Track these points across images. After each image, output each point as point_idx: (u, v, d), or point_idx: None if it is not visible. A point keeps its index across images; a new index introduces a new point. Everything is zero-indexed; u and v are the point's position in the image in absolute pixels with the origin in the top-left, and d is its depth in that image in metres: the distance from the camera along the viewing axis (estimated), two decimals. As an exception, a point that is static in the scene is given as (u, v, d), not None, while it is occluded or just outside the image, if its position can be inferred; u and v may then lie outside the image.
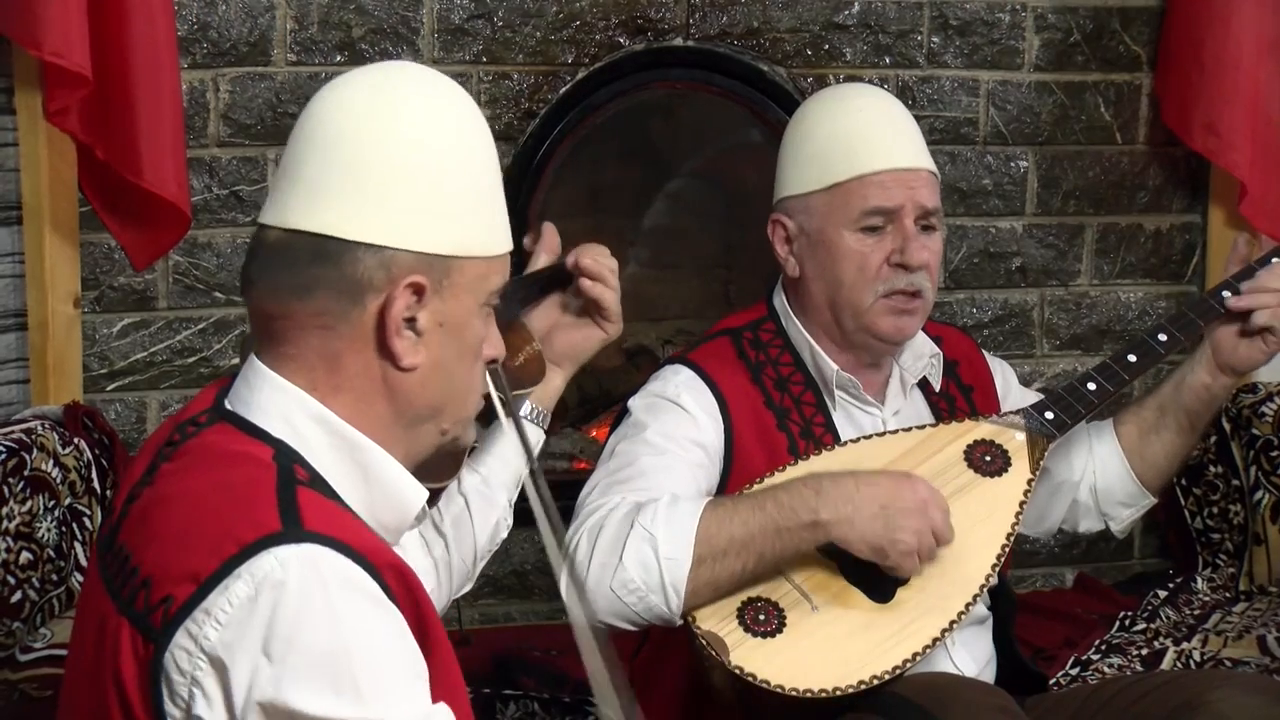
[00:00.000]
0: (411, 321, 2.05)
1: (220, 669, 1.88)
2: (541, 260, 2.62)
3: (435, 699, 1.96)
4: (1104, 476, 3.27)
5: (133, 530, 2.03)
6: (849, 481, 2.81)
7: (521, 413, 2.46)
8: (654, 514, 2.79)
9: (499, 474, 2.59)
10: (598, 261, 2.59)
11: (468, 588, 2.64)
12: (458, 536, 2.57)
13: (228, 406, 2.09)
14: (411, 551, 2.50)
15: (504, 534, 2.63)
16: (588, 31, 4.58)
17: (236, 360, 4.29)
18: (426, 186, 2.05)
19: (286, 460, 2.02)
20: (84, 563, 3.83)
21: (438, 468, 2.28)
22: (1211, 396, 3.21)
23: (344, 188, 2.04)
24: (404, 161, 2.05)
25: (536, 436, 2.59)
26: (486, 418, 2.31)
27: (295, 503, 1.95)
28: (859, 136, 3.05)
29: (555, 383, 2.64)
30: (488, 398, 2.25)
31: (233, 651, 1.88)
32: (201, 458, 2.05)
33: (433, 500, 2.45)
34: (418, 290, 2.04)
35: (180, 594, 1.91)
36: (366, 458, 2.08)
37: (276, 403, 2.06)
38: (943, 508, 2.81)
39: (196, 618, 1.89)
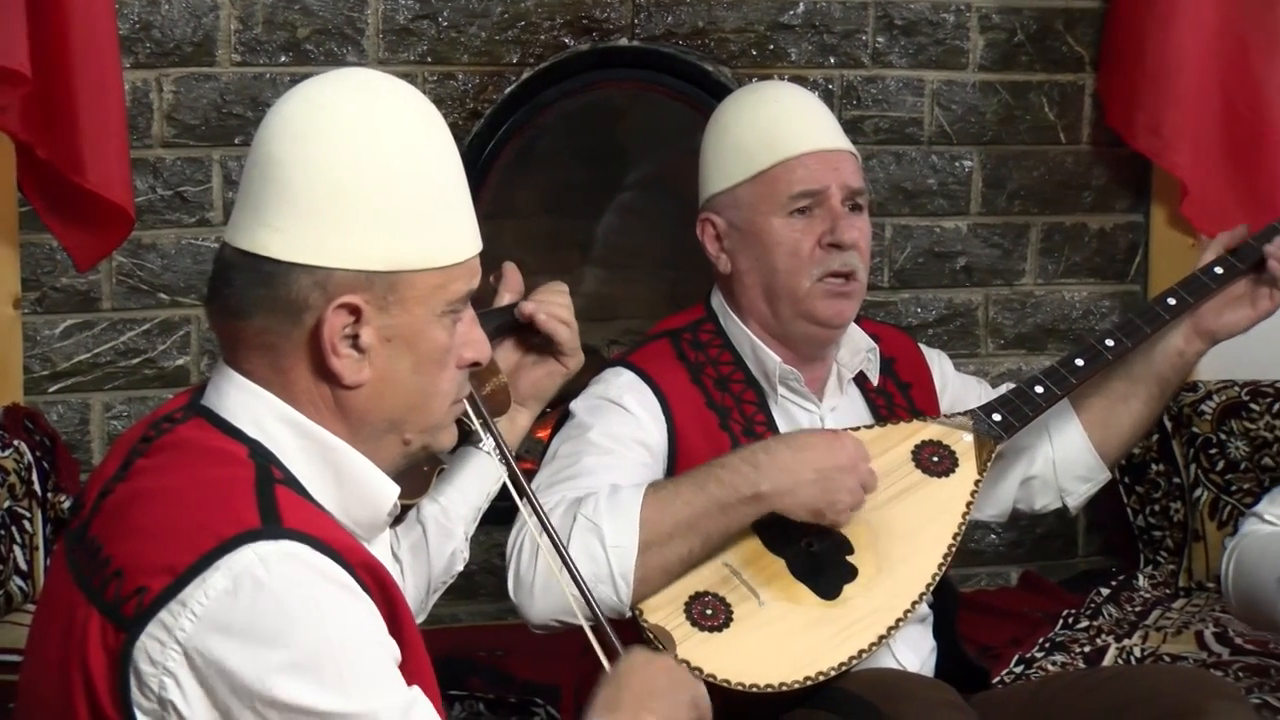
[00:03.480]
0: (355, 339, 2.05)
1: (198, 661, 1.90)
2: (505, 299, 2.63)
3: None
4: (1063, 451, 3.28)
5: (106, 523, 2.04)
6: (784, 451, 2.85)
7: (487, 448, 2.46)
8: (596, 505, 2.80)
9: (458, 506, 2.59)
10: (548, 305, 2.60)
11: (420, 619, 2.64)
12: (414, 564, 2.58)
13: (203, 404, 2.10)
14: (382, 558, 2.50)
15: (459, 566, 2.63)
16: (533, 32, 4.57)
17: (182, 361, 4.31)
18: (363, 203, 2.05)
19: (262, 459, 2.04)
20: (24, 567, 3.81)
21: (409, 482, 2.29)
22: (1184, 362, 3.26)
23: (279, 208, 2.05)
24: (338, 180, 2.04)
25: (500, 474, 2.58)
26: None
27: (274, 500, 1.97)
28: (778, 123, 3.08)
29: (521, 423, 2.65)
30: (461, 421, 2.26)
31: (211, 645, 1.90)
32: (179, 453, 2.06)
33: (395, 523, 2.45)
34: (353, 310, 2.04)
35: (155, 585, 1.92)
36: (337, 457, 2.09)
37: (247, 406, 2.08)
38: (868, 457, 2.88)
39: (172, 609, 1.91)
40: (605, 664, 2.32)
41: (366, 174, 2.05)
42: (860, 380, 3.19)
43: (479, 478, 2.58)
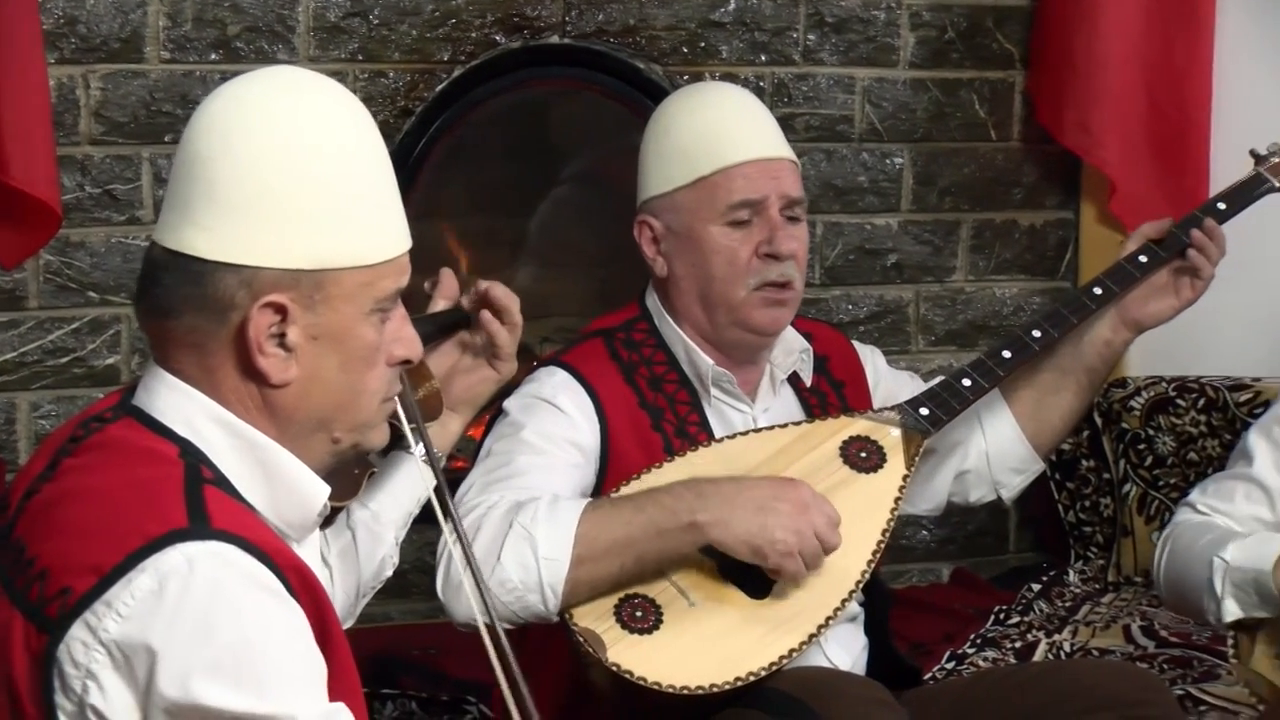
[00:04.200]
0: (282, 337, 2.05)
1: (120, 661, 1.89)
2: (439, 305, 2.62)
3: (333, 699, 1.97)
4: (996, 443, 3.28)
5: (32, 524, 2.02)
6: (729, 484, 2.83)
7: (418, 453, 2.45)
8: (534, 514, 2.79)
9: (389, 511, 2.57)
10: (507, 294, 2.60)
11: (349, 624, 2.63)
12: (343, 569, 2.56)
13: (133, 404, 2.09)
14: (311, 563, 2.49)
15: (389, 572, 2.61)
16: (464, 29, 4.57)
17: (112, 361, 4.29)
18: (289, 202, 2.04)
19: (193, 459, 2.03)
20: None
21: (339, 484, 2.28)
22: (1112, 352, 3.26)
23: (206, 207, 2.04)
24: (264, 179, 2.03)
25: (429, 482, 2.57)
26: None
27: (203, 500, 1.96)
28: (719, 130, 3.07)
29: (452, 428, 2.63)
30: (392, 424, 2.25)
31: (134, 644, 1.88)
32: (108, 453, 2.05)
33: (325, 525, 2.44)
34: (279, 309, 2.03)
35: (80, 586, 1.91)
36: (267, 456, 2.08)
37: (177, 405, 2.07)
38: (828, 513, 2.82)
39: (96, 610, 1.90)
40: (502, 682, 2.31)
41: (292, 172, 2.04)
42: (794, 380, 3.19)
43: (410, 483, 2.56)
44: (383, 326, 2.12)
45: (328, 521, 2.46)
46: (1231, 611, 3.01)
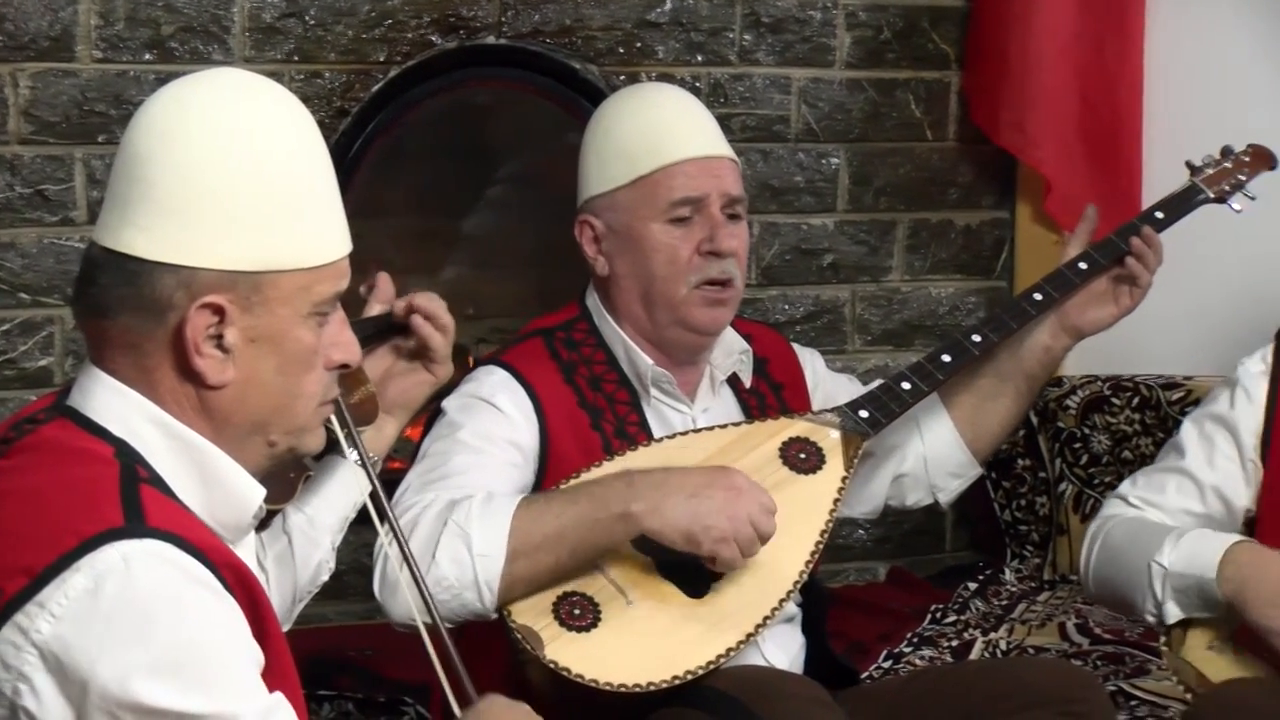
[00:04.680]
0: (219, 339, 2.04)
1: (54, 663, 1.88)
2: (374, 309, 2.62)
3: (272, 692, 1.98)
4: (934, 448, 3.29)
5: None
6: (662, 474, 2.83)
7: (354, 458, 2.45)
8: (468, 511, 2.79)
9: (324, 516, 2.57)
10: (431, 300, 2.60)
11: (286, 628, 2.62)
12: (279, 574, 2.56)
13: (68, 404, 2.09)
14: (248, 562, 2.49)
15: (325, 576, 2.61)
16: (400, 30, 4.56)
17: (45, 363, 4.26)
18: (228, 203, 2.03)
19: (128, 459, 2.02)
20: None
21: (275, 488, 2.27)
22: (1051, 359, 3.28)
23: (145, 207, 2.03)
24: (203, 180, 2.03)
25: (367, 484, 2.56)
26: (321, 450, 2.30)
27: (139, 499, 1.96)
28: (660, 129, 3.07)
29: (388, 432, 2.63)
30: (328, 428, 2.24)
31: (70, 645, 1.87)
32: (41, 454, 2.04)
33: (260, 529, 2.44)
34: (216, 310, 2.03)
35: (10, 587, 1.90)
36: (203, 458, 2.08)
37: (112, 405, 2.06)
38: (762, 500, 2.82)
39: (28, 611, 1.89)
40: (443, 681, 2.31)
41: (232, 174, 2.04)
42: (733, 381, 3.19)
43: (346, 487, 2.56)
44: (321, 330, 2.12)
45: (263, 525, 2.45)
46: (1174, 614, 3.04)
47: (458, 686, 2.32)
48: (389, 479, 2.61)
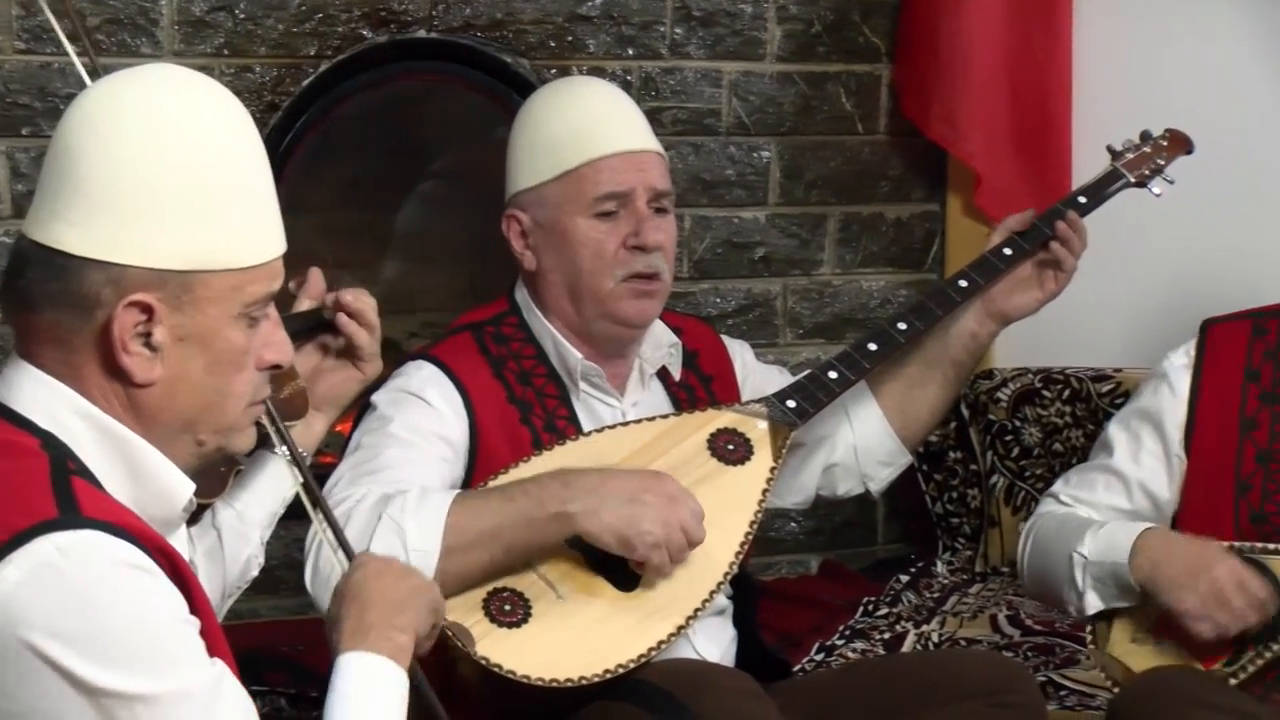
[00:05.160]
0: (148, 337, 2.03)
1: None
2: (304, 305, 2.62)
3: None
4: (864, 437, 3.30)
5: None
6: (597, 476, 2.84)
7: (284, 454, 2.44)
8: (403, 506, 2.79)
9: (254, 512, 2.57)
10: (358, 299, 2.59)
11: None
12: (209, 570, 2.55)
13: None
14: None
15: (254, 572, 2.62)
16: (331, 24, 4.54)
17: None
18: (160, 201, 2.02)
19: (57, 451, 2.01)
20: None
21: (205, 482, 2.27)
22: (978, 345, 3.29)
23: (75, 203, 2.02)
24: (134, 177, 2.02)
25: (298, 479, 2.56)
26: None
27: (71, 491, 1.95)
28: (586, 123, 3.08)
29: (317, 428, 2.64)
30: (259, 425, 2.24)
31: (5, 639, 1.86)
32: None
33: (190, 523, 2.43)
34: (144, 308, 2.02)
35: None
36: (132, 451, 2.07)
37: (40, 398, 2.05)
38: (694, 507, 2.84)
39: None
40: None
41: (165, 172, 2.03)
42: (663, 374, 3.20)
43: (275, 482, 2.56)
44: (252, 330, 2.11)
45: (193, 519, 2.44)
46: (1094, 604, 3.09)
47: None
48: (318, 473, 2.61)
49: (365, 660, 2.22)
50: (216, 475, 2.46)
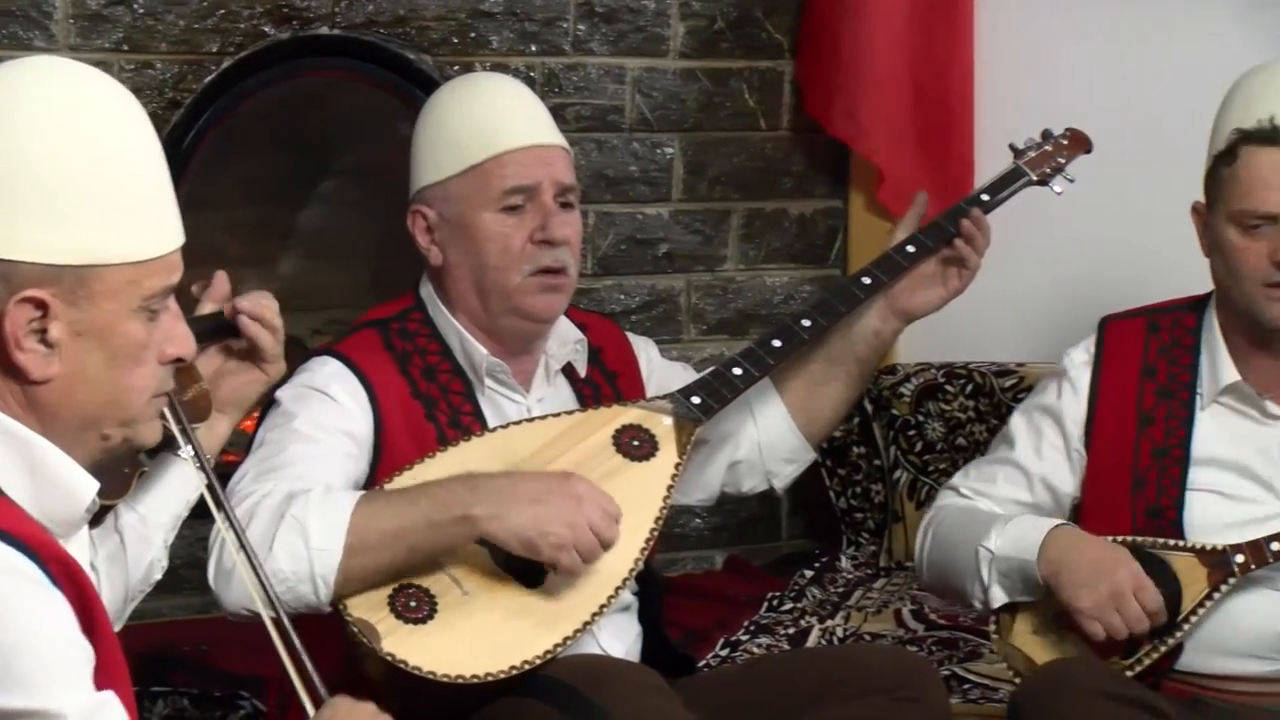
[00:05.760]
0: (43, 333, 2.01)
1: None
2: (207, 308, 2.61)
3: (101, 690, 1.94)
4: (768, 433, 3.30)
5: None
6: (504, 478, 2.84)
7: (187, 455, 2.43)
8: (306, 504, 2.78)
9: (157, 514, 2.55)
10: (258, 304, 2.58)
11: (117, 627, 2.59)
12: (111, 573, 2.53)
13: None
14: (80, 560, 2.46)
15: (157, 575, 2.60)
16: (233, 20, 4.51)
17: None
18: (51, 195, 2.00)
19: None
20: None
21: (109, 483, 2.25)
22: (881, 342, 3.30)
23: None
24: (25, 171, 1.99)
25: (201, 481, 2.54)
26: (153, 448, 2.28)
27: None
28: (491, 118, 3.08)
29: (220, 430, 2.62)
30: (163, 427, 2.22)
31: None
32: None
33: (93, 524, 2.41)
34: (39, 304, 1.99)
35: None
36: (31, 451, 2.04)
37: None
38: (606, 507, 2.84)
39: None
40: (290, 672, 2.29)
41: (56, 166, 2.01)
42: (568, 371, 3.20)
43: (179, 485, 2.54)
44: (152, 324, 2.09)
45: (96, 521, 2.42)
46: (998, 598, 3.12)
47: (301, 669, 2.31)
48: (223, 473, 2.60)
49: None
50: (120, 476, 2.45)
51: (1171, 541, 3.08)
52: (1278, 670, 3.07)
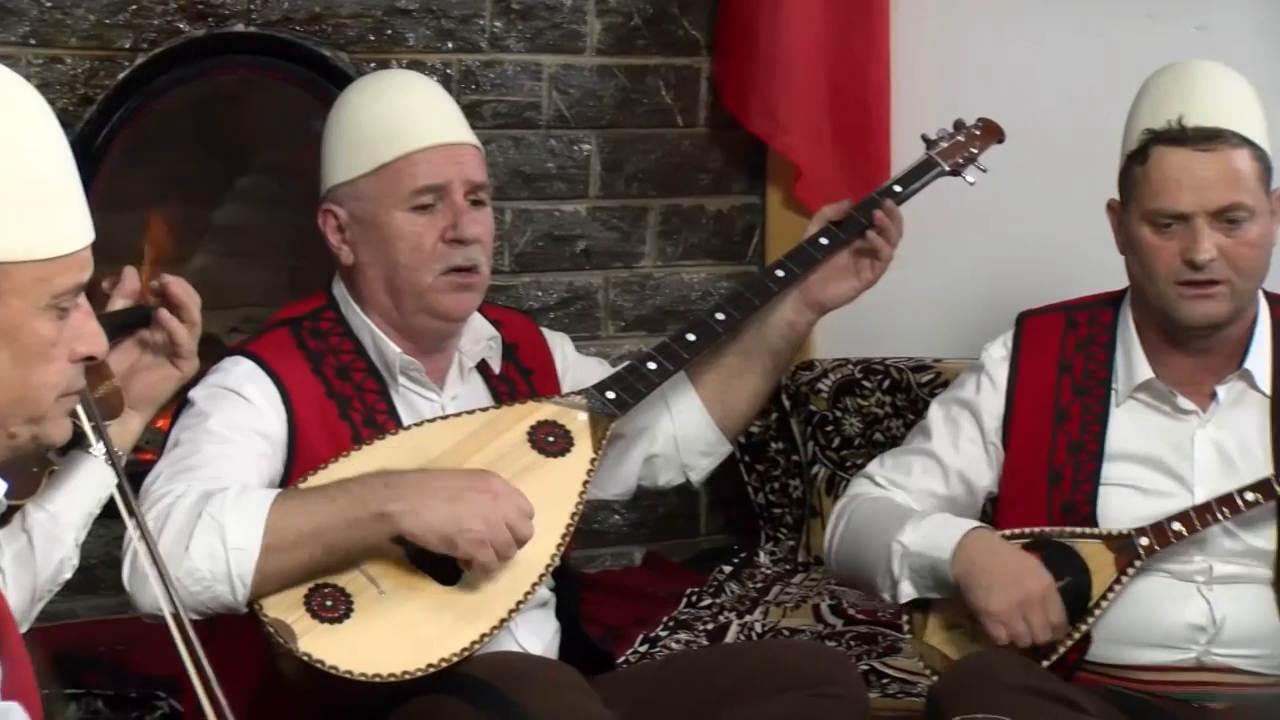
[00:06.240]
0: None
1: None
2: (118, 304, 2.59)
3: (6, 699, 1.91)
4: (684, 427, 3.31)
5: None
6: (420, 475, 2.84)
7: (98, 453, 2.41)
8: (222, 503, 2.77)
9: (68, 513, 2.53)
10: (185, 290, 2.57)
11: (24, 627, 2.57)
12: (18, 574, 2.51)
13: None
14: None
15: (67, 574, 2.57)
16: (146, 16, 4.48)
17: None
18: None
19: None
20: None
21: (18, 482, 2.23)
22: (796, 334, 3.32)
23: None
24: None
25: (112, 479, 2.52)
26: (63, 446, 2.26)
27: None
28: (402, 116, 3.08)
29: (133, 427, 2.61)
30: (75, 425, 2.20)
31: None
32: None
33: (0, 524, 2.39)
34: None
35: None
36: None
37: None
38: (520, 504, 2.84)
39: None
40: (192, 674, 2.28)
41: None
42: (483, 368, 3.19)
43: (90, 483, 2.52)
44: (62, 322, 2.07)
45: (2, 521, 2.40)
46: (907, 593, 3.14)
47: (202, 673, 2.29)
48: (139, 471, 2.58)
49: None
50: (29, 475, 2.42)
51: (1079, 530, 3.11)
52: (1186, 659, 3.09)
